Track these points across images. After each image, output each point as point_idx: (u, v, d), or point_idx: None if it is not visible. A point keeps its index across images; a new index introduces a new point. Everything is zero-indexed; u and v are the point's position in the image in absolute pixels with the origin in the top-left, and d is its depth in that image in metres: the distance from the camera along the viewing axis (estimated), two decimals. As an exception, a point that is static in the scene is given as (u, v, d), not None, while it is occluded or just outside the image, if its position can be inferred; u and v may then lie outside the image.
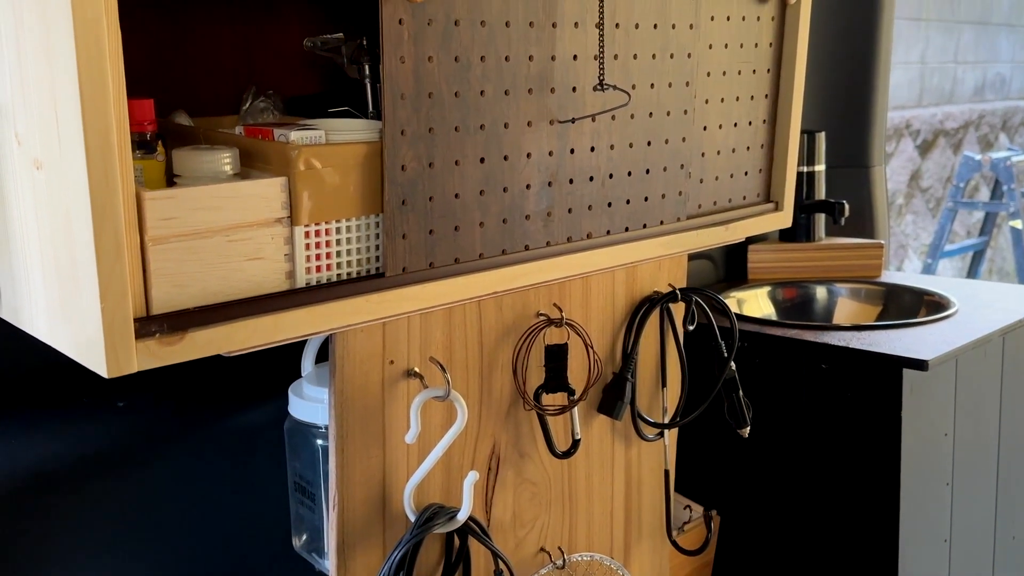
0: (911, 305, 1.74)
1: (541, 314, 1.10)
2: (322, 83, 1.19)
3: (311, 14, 1.16)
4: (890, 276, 1.88)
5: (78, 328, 0.75)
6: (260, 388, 1.20)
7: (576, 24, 0.99)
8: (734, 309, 1.68)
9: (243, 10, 1.10)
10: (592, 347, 1.14)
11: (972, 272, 5.09)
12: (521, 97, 0.96)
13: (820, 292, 1.85)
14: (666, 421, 1.29)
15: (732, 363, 1.25)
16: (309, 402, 1.06)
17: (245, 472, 1.20)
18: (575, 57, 0.99)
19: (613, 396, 1.20)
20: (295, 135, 0.86)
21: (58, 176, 0.72)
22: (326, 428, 1.00)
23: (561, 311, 1.11)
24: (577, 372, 1.14)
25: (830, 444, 1.47)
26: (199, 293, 0.78)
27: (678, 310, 1.26)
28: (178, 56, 1.07)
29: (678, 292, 1.23)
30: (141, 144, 0.80)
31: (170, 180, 0.83)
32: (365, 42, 1.04)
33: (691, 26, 1.11)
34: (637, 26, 1.05)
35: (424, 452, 1.00)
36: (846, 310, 1.83)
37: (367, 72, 1.05)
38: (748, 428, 1.26)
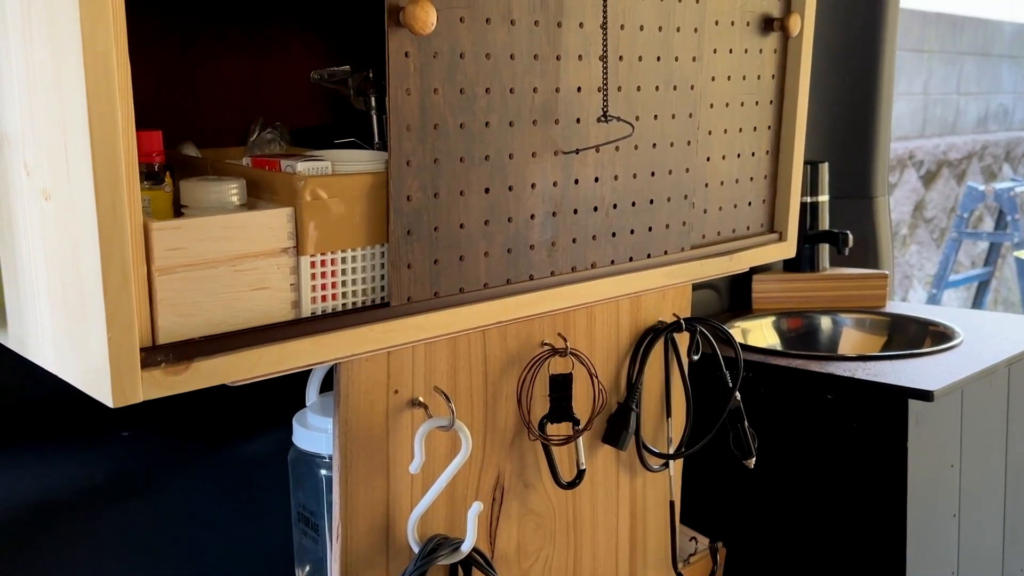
0: (916, 335, 1.74)
1: (546, 344, 1.10)
2: (328, 114, 1.21)
3: (318, 47, 1.18)
4: (895, 306, 1.88)
5: (84, 357, 0.75)
6: (264, 418, 1.20)
7: (580, 57, 0.99)
8: (739, 339, 1.68)
9: (251, 43, 1.12)
10: (597, 377, 1.14)
11: (977, 302, 5.09)
12: (526, 128, 0.96)
13: (825, 322, 1.85)
14: (671, 452, 1.28)
15: (737, 393, 1.25)
16: (313, 432, 1.05)
17: (248, 502, 1.20)
18: (579, 89, 1.00)
19: (618, 426, 1.19)
20: (302, 166, 0.87)
21: (66, 206, 0.73)
22: (330, 458, 1.00)
23: (566, 341, 1.11)
24: (582, 402, 1.14)
25: (836, 475, 1.46)
26: (205, 323, 0.78)
27: (682, 340, 1.26)
28: (186, 88, 1.08)
29: (682, 322, 1.23)
30: (149, 175, 0.81)
31: (177, 211, 0.84)
32: (371, 74, 1.06)
33: (694, 59, 1.12)
34: (640, 59, 1.06)
35: (428, 482, 0.99)
36: (851, 340, 1.83)
37: (373, 104, 1.06)
38: (754, 459, 1.26)
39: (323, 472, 1.05)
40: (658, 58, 1.08)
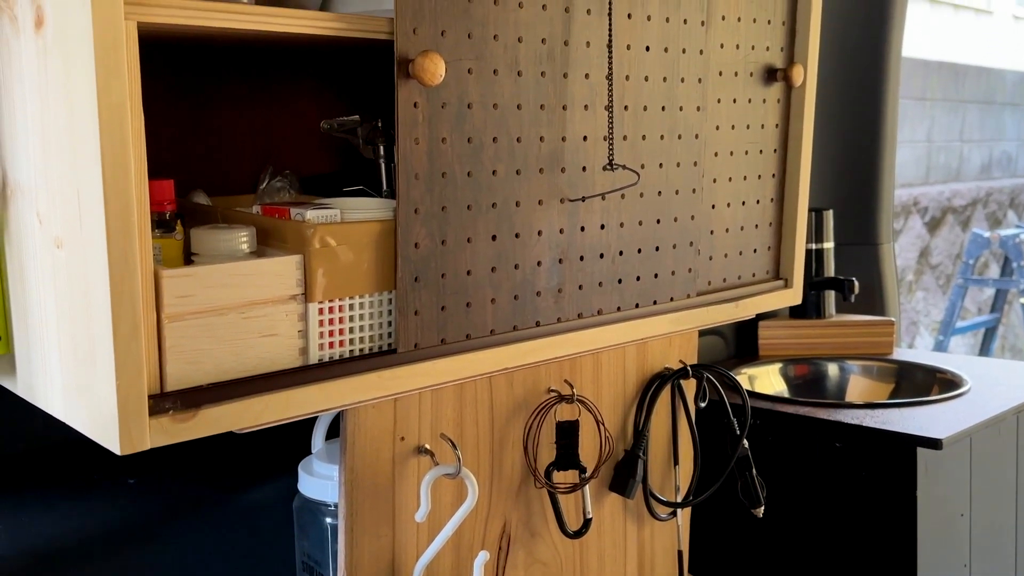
0: (923, 383, 1.74)
1: (552, 390, 1.10)
2: (337, 163, 1.22)
3: (327, 97, 1.19)
4: (902, 353, 1.87)
5: (93, 405, 0.75)
6: (270, 464, 1.20)
7: (586, 107, 1.01)
8: (746, 386, 1.67)
9: (262, 94, 1.13)
10: (603, 424, 1.14)
11: (985, 349, 5.07)
12: (532, 176, 0.97)
13: (832, 369, 1.85)
14: (679, 500, 1.28)
15: (745, 441, 1.24)
16: (319, 479, 1.05)
17: (253, 551, 1.19)
18: (585, 138, 1.01)
19: (625, 474, 1.19)
20: (311, 214, 0.87)
21: (78, 254, 0.74)
22: (335, 506, 0.99)
23: (572, 387, 1.11)
24: (588, 449, 1.14)
25: (845, 524, 1.45)
26: (213, 370, 0.78)
27: (689, 387, 1.26)
28: (198, 137, 1.09)
29: (689, 368, 1.23)
30: (160, 223, 0.82)
31: (188, 258, 0.84)
32: (380, 124, 1.07)
33: (698, 108, 1.13)
34: (645, 108, 1.07)
35: (434, 531, 0.99)
36: (858, 387, 1.82)
37: (382, 152, 1.08)
38: (762, 508, 1.25)
39: (328, 520, 1.05)
40: (663, 108, 1.09)
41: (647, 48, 1.06)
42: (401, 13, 0.85)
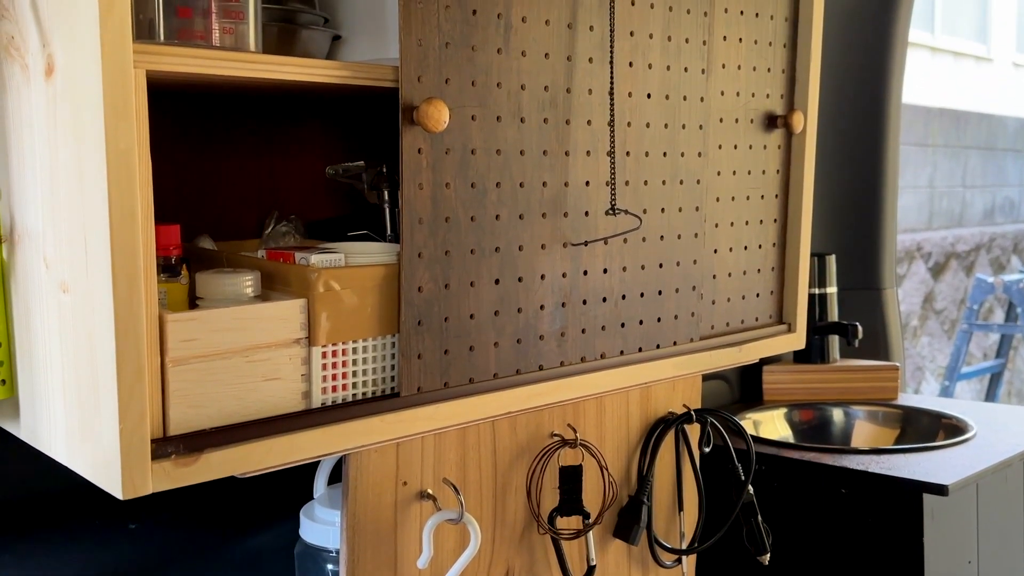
0: (929, 428, 1.73)
1: (555, 435, 1.09)
2: (342, 207, 1.23)
3: (332, 142, 1.21)
4: (907, 399, 1.87)
5: (95, 449, 0.75)
6: (272, 510, 1.19)
7: (588, 152, 1.02)
8: (750, 431, 1.67)
9: (268, 140, 1.15)
10: (607, 469, 1.13)
11: (991, 395, 5.04)
12: (535, 221, 0.98)
13: (837, 414, 1.84)
14: (684, 547, 1.26)
15: (750, 487, 1.23)
16: (321, 525, 1.04)
17: (254, 597, 1.18)
18: (587, 183, 1.02)
19: (629, 520, 1.18)
20: (315, 258, 0.88)
21: (84, 299, 0.74)
22: (337, 552, 0.99)
23: (575, 432, 1.11)
24: (592, 494, 1.13)
25: (852, 571, 1.44)
26: (216, 414, 0.79)
27: (693, 431, 1.26)
28: (204, 183, 1.11)
29: (693, 413, 1.23)
30: (166, 268, 0.82)
31: (193, 302, 0.85)
32: (385, 169, 1.08)
33: (699, 154, 1.14)
34: (647, 154, 1.08)
35: (437, 577, 0.98)
36: (864, 433, 1.81)
37: (386, 197, 1.09)
38: (768, 555, 1.24)
39: (330, 567, 1.04)
40: (664, 153, 1.10)
41: (648, 95, 1.07)
42: (406, 61, 0.86)
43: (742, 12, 1.17)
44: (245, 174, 1.13)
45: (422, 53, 0.87)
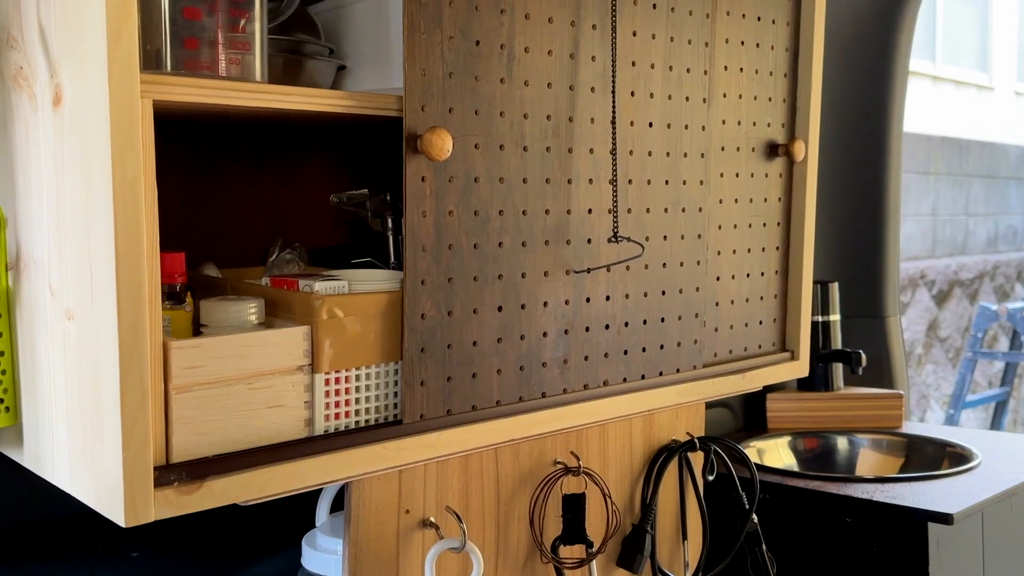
0: (934, 457, 1.72)
1: (558, 462, 1.09)
2: (346, 235, 1.24)
3: (337, 170, 1.22)
4: (911, 427, 1.86)
5: (98, 476, 0.75)
6: (274, 538, 1.19)
7: (590, 181, 1.03)
8: (754, 459, 1.66)
9: (273, 168, 1.16)
10: (610, 497, 1.13)
11: (996, 423, 5.02)
12: (538, 248, 0.99)
13: (841, 442, 1.83)
14: None
15: (754, 515, 1.23)
16: (323, 553, 1.04)
17: (256, 627, 1.17)
18: (590, 211, 1.03)
19: (632, 549, 1.17)
20: (319, 285, 0.89)
21: (88, 326, 0.75)
22: (340, 580, 0.98)
23: (578, 459, 1.10)
24: (595, 523, 1.13)
25: (858, 601, 1.42)
26: (219, 441, 0.79)
27: (697, 459, 1.25)
28: (209, 210, 1.11)
29: (696, 441, 1.23)
30: (171, 295, 0.83)
31: (197, 330, 0.85)
32: (389, 197, 1.09)
33: (701, 182, 1.15)
34: (649, 182, 1.09)
35: (439, 606, 0.97)
36: (868, 461, 1.80)
37: (390, 225, 1.09)
38: (772, 583, 1.23)
39: (332, 595, 1.03)
40: (666, 182, 1.11)
41: (650, 124, 1.08)
42: (410, 91, 0.87)
43: (743, 43, 1.19)
44: (250, 201, 1.14)
45: (426, 83, 0.88)
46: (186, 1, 0.76)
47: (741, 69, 1.19)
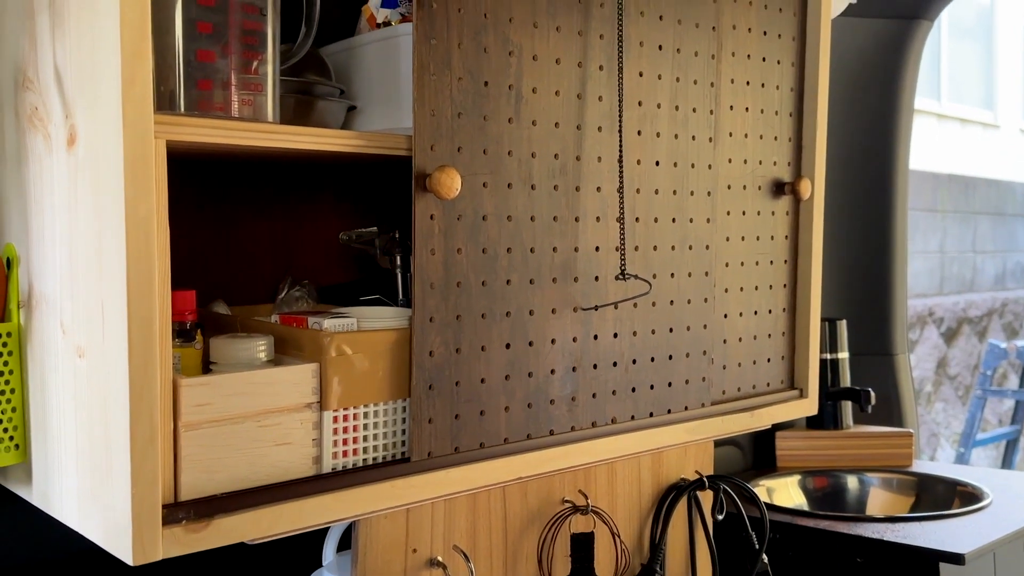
0: (944, 496, 1.71)
1: (566, 501, 1.09)
2: (355, 272, 1.24)
3: (345, 208, 1.23)
4: (921, 466, 1.85)
5: (107, 514, 0.75)
6: (281, 577, 1.18)
7: (598, 218, 1.03)
8: (764, 498, 1.65)
9: (282, 206, 1.17)
10: (619, 536, 1.12)
11: (1007, 461, 4.97)
12: (546, 286, 0.99)
13: (852, 481, 1.82)
14: (697, 616, 1.24)
15: (764, 555, 1.22)
16: (330, 592, 1.03)
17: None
18: (597, 248, 1.03)
19: (641, 588, 1.16)
20: (328, 323, 0.89)
21: (99, 364, 0.75)
22: (347, 620, 0.98)
23: (587, 498, 1.10)
24: (604, 563, 1.12)
25: (870, 643, 1.41)
26: (227, 479, 0.79)
27: (706, 498, 1.24)
28: (219, 248, 1.12)
29: (705, 480, 1.22)
30: (181, 333, 0.83)
31: (206, 367, 0.86)
32: (397, 235, 1.10)
33: (708, 220, 1.15)
34: (656, 220, 1.09)
35: (446, 646, 0.97)
36: (879, 501, 1.79)
37: (399, 262, 1.10)
38: (783, 624, 1.22)
39: (339, 635, 1.03)
40: (673, 219, 1.11)
41: (657, 163, 1.09)
42: (419, 131, 0.88)
43: (748, 83, 1.20)
44: (260, 239, 1.15)
45: (435, 123, 0.89)
46: (200, 43, 0.77)
47: (747, 109, 1.20)
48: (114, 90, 0.71)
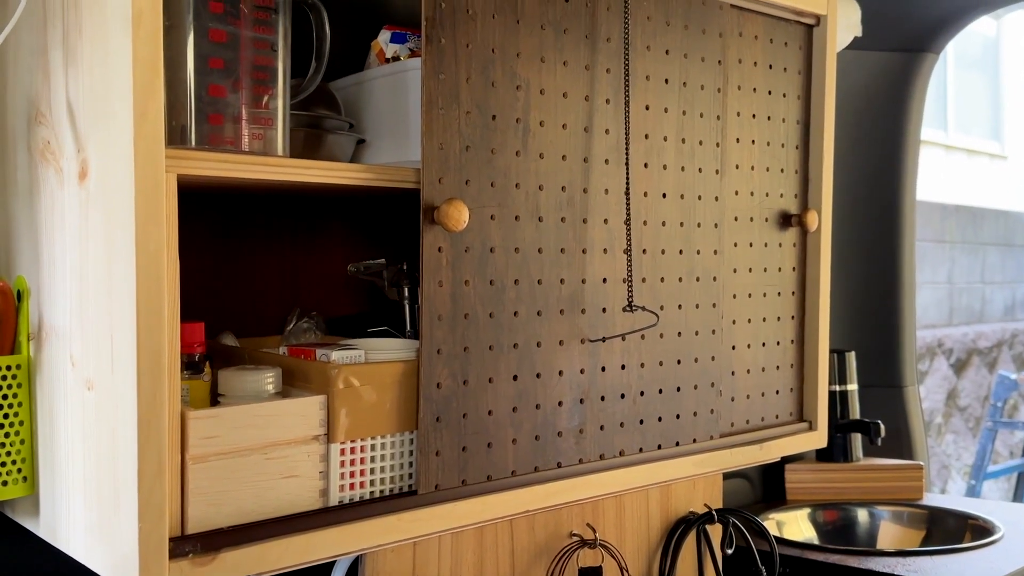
0: (955, 529, 1.69)
1: (574, 534, 1.08)
2: (363, 304, 1.24)
3: (353, 240, 1.23)
4: (932, 499, 1.83)
5: (114, 547, 0.75)
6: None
7: (605, 250, 1.04)
8: (774, 532, 1.63)
9: (291, 238, 1.17)
10: (627, 570, 1.11)
11: (1018, 494, 4.92)
12: (553, 318, 0.99)
13: (862, 515, 1.81)
14: (706, 651, 1.23)
15: (773, 589, 1.21)
16: (336, 626, 1.03)
17: None
18: (604, 280, 1.04)
19: (650, 623, 1.15)
20: (336, 355, 0.89)
21: (108, 396, 0.75)
22: (353, 655, 0.97)
23: (595, 531, 1.09)
24: (612, 597, 1.11)
25: None
26: (234, 512, 0.78)
27: (715, 532, 1.24)
28: (228, 280, 1.13)
29: (714, 513, 1.21)
30: (189, 365, 0.83)
31: (215, 399, 0.86)
32: (405, 267, 1.10)
33: (715, 251, 1.15)
34: (663, 252, 1.10)
35: None
36: (889, 534, 1.77)
37: (406, 294, 1.10)
38: (793, 660, 1.20)
39: (345, 670, 1.02)
40: (680, 251, 1.11)
41: (663, 195, 1.09)
42: (427, 164, 0.89)
43: (754, 116, 1.20)
44: (268, 271, 1.16)
45: (443, 156, 0.90)
46: (212, 79, 0.78)
47: (753, 141, 1.21)
48: (126, 125, 0.71)
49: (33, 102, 0.86)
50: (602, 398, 1.04)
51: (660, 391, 1.10)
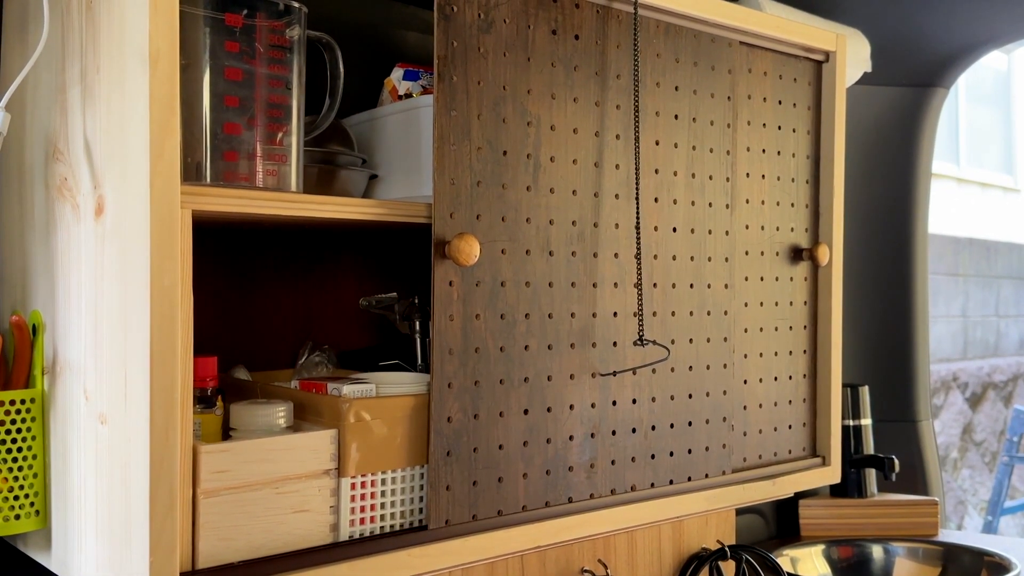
0: (971, 567, 1.67)
1: (586, 570, 1.07)
2: (374, 337, 1.25)
3: (365, 274, 1.24)
4: (948, 535, 1.81)
5: (124, 580, 0.75)
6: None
7: (615, 284, 1.04)
8: (788, 568, 1.62)
9: (303, 272, 1.18)
10: (639, 607, 1.10)
11: (1038, 530, 4.85)
12: (564, 351, 0.99)
13: (877, 551, 1.79)
14: None
15: (787, 626, 1.19)
16: (346, 663, 1.02)
17: None
18: (615, 314, 1.04)
19: (662, 661, 1.14)
20: (347, 388, 0.89)
21: (121, 430, 0.76)
22: None
23: (606, 567, 1.08)
24: (624, 634, 1.10)
25: None
26: (244, 547, 0.78)
27: (728, 568, 1.23)
28: (240, 314, 1.13)
29: (727, 549, 1.20)
30: (201, 399, 0.84)
31: (226, 433, 0.86)
32: (417, 301, 1.10)
33: (726, 286, 1.16)
34: (674, 286, 1.10)
35: None
36: (904, 571, 1.75)
37: (418, 328, 1.11)
38: None
39: None
40: (691, 285, 1.12)
41: (674, 229, 1.10)
42: (439, 199, 0.90)
43: (764, 150, 1.21)
44: (280, 305, 1.16)
45: (455, 191, 0.91)
46: (227, 116, 0.79)
47: (763, 176, 1.21)
48: (142, 162, 0.72)
49: (51, 139, 0.87)
50: (613, 432, 1.04)
51: (671, 425, 1.10)
